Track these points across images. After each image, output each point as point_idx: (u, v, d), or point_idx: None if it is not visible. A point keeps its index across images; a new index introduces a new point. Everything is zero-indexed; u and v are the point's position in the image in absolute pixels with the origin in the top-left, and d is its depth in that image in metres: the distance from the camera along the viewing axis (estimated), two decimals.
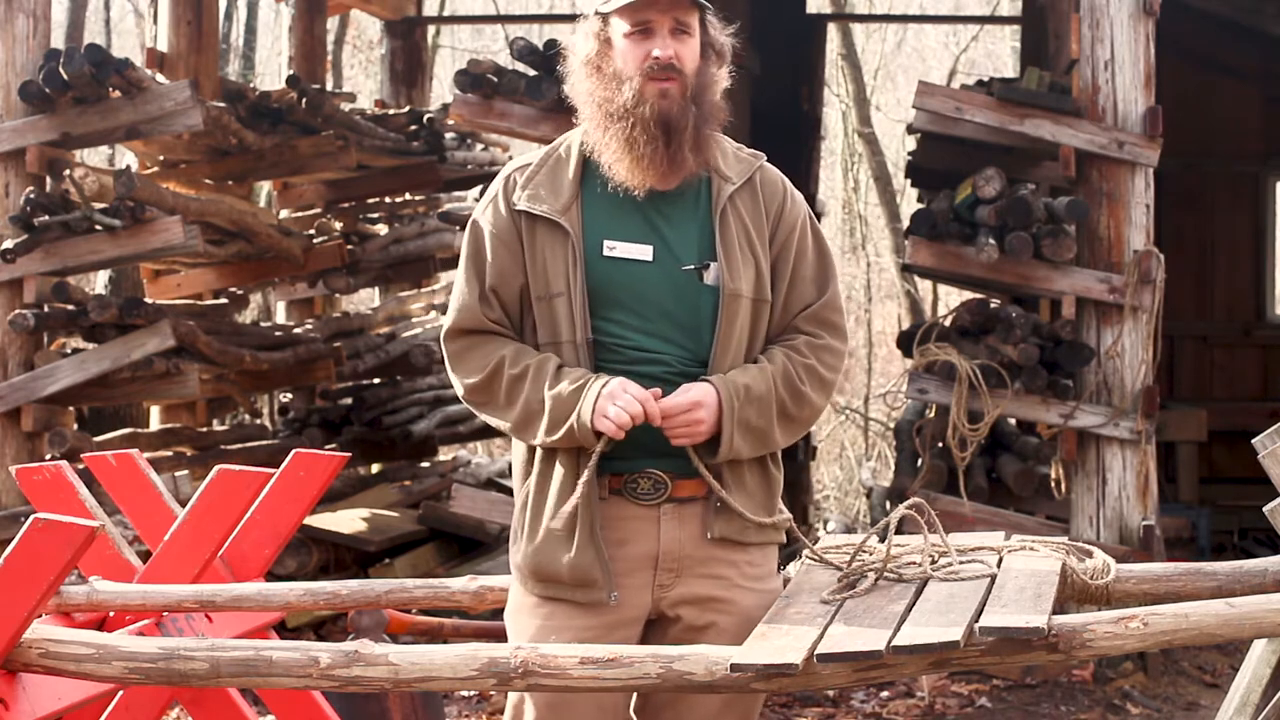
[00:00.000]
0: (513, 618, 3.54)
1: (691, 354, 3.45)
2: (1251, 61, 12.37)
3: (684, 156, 3.41)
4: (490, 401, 3.46)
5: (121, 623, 4.07)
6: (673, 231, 3.46)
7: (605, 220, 3.45)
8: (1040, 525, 8.04)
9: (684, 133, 3.39)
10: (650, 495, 3.42)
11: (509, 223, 3.47)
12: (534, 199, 3.46)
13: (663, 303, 3.44)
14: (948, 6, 24.86)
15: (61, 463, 4.39)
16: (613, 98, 3.41)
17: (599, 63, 3.45)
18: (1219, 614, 3.00)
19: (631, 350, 3.42)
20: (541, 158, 3.54)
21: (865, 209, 23.49)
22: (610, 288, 3.43)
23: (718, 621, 3.44)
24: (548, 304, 3.44)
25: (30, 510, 5.64)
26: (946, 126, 8.33)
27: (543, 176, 3.49)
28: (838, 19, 20.32)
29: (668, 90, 3.39)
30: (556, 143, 3.57)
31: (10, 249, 8.01)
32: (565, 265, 3.42)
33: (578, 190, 3.47)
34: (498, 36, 21.98)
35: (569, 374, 3.39)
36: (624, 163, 3.40)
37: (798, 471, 13.69)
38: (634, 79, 3.40)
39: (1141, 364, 7.83)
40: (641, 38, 3.40)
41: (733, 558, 3.46)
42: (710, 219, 3.47)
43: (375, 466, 11.86)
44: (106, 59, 8.03)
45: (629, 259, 3.44)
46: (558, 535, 3.40)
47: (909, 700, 7.59)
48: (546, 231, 3.44)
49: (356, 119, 11.05)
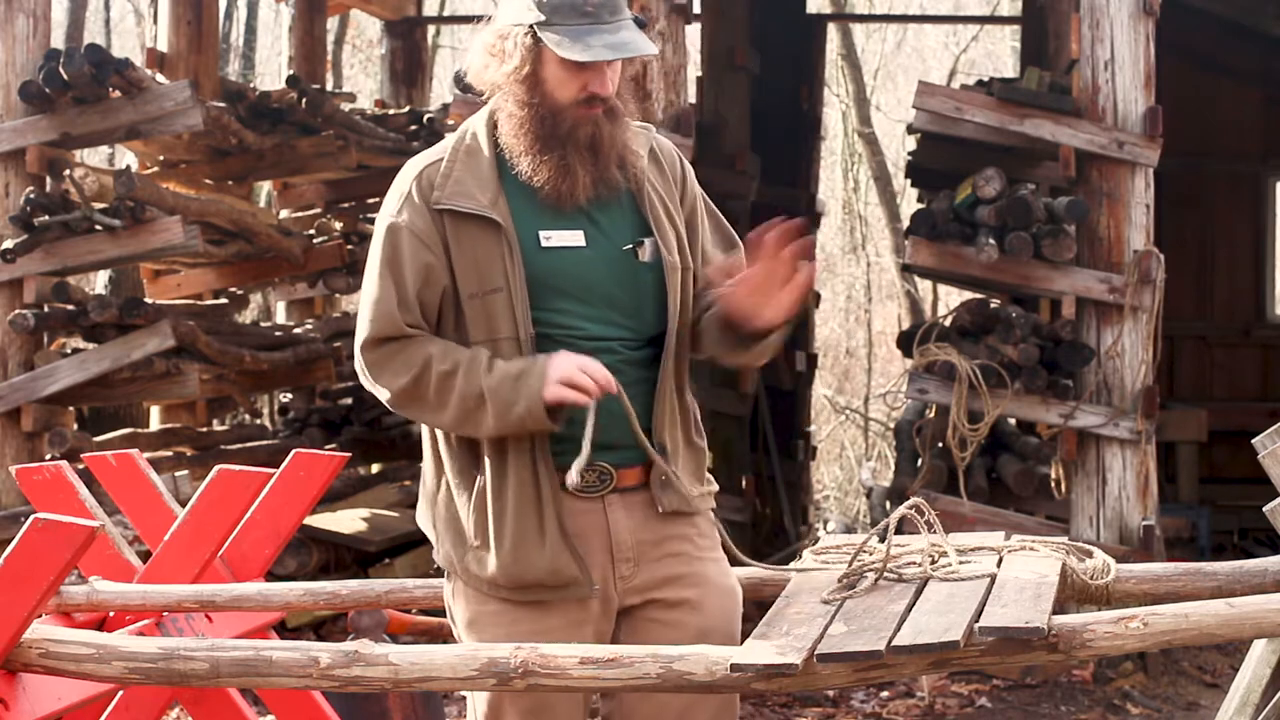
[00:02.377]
0: (472, 628, 3.44)
1: (635, 334, 3.43)
2: (1251, 61, 12.37)
3: (611, 173, 3.39)
4: (419, 402, 3.37)
5: (121, 623, 4.07)
6: (602, 215, 3.42)
7: (534, 211, 3.39)
8: (1040, 525, 8.04)
9: (609, 152, 3.38)
10: (596, 488, 3.39)
11: (430, 223, 3.37)
12: (456, 195, 3.37)
13: (605, 286, 3.40)
14: (948, 6, 24.86)
15: (61, 463, 4.39)
16: (543, 121, 3.35)
17: (531, 79, 3.35)
18: (1219, 614, 3.00)
19: (581, 340, 3.37)
20: (451, 152, 3.43)
21: (865, 209, 23.50)
22: (553, 278, 3.37)
23: (688, 597, 3.43)
24: (482, 301, 3.35)
25: (30, 510, 5.63)
26: (946, 126, 8.33)
27: (459, 172, 3.39)
28: (838, 19, 20.33)
29: (597, 117, 3.36)
30: (460, 132, 3.47)
31: (10, 249, 8.01)
32: (501, 260, 3.34)
33: (499, 182, 3.39)
34: None
35: (503, 365, 3.31)
36: (558, 185, 3.35)
37: (798, 471, 13.69)
38: (569, 109, 3.35)
39: (1141, 364, 7.83)
40: (579, 69, 3.33)
41: (684, 531, 3.46)
42: (636, 197, 3.45)
43: (375, 466, 11.85)
44: (106, 59, 8.03)
45: (566, 247, 3.39)
46: (529, 540, 3.34)
47: (909, 700, 7.59)
48: (475, 228, 3.36)
49: (356, 119, 11.05)
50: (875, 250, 23.27)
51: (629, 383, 3.39)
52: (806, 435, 14.07)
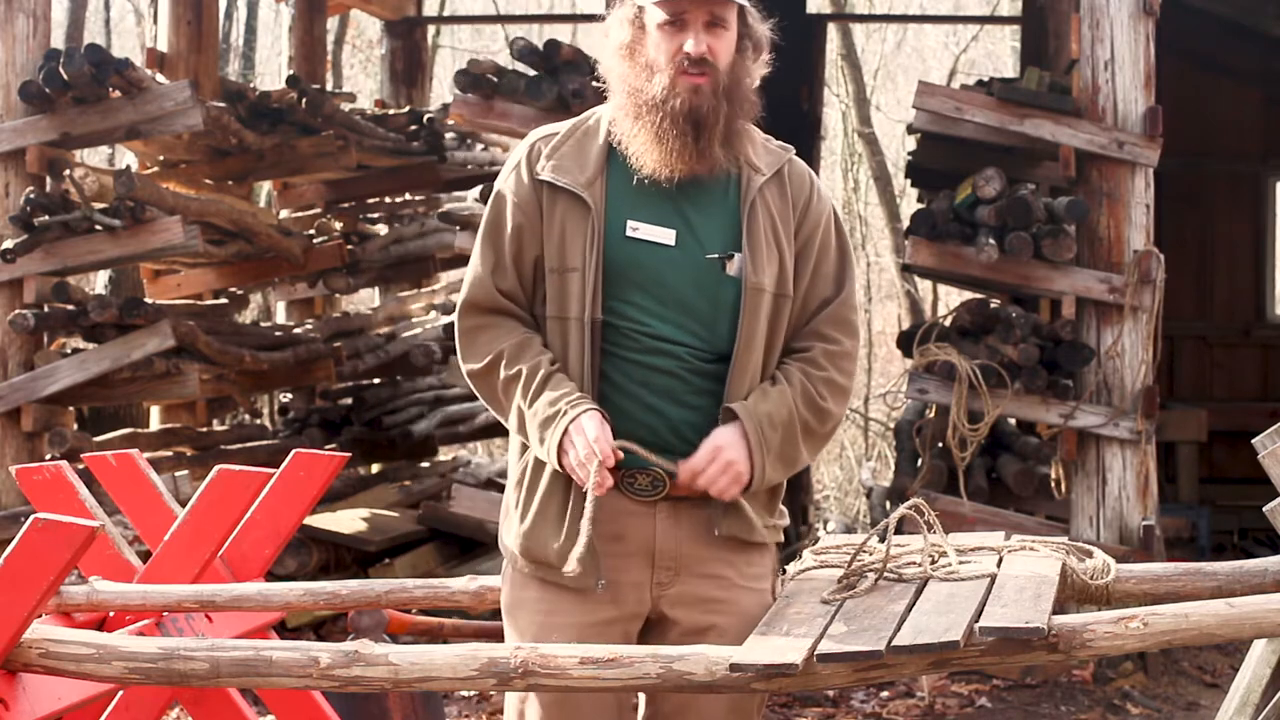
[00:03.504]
0: (511, 613, 3.51)
1: (706, 344, 3.41)
2: (1251, 61, 12.38)
3: (713, 152, 3.38)
4: (488, 394, 3.45)
5: (121, 623, 4.07)
6: (699, 218, 3.42)
7: (630, 200, 3.40)
8: (1040, 525, 8.04)
9: (714, 129, 3.37)
10: (647, 492, 3.39)
11: (530, 191, 3.42)
12: (558, 170, 3.41)
13: (682, 290, 3.39)
14: (948, 6, 24.86)
15: (61, 463, 4.39)
16: (643, 88, 3.37)
17: (632, 49, 3.41)
18: (1219, 614, 3.00)
19: (645, 337, 3.38)
20: (570, 128, 3.49)
21: (865, 209, 23.49)
22: (630, 269, 3.38)
23: (718, 623, 3.42)
24: (560, 278, 3.38)
25: (30, 510, 5.64)
26: (946, 126, 8.33)
27: (568, 148, 3.44)
28: (838, 19, 20.33)
29: (699, 86, 3.36)
30: (586, 115, 3.52)
31: (10, 249, 8.01)
32: (583, 241, 3.37)
33: (603, 166, 3.42)
34: (498, 36, 21.98)
35: (551, 391, 3.34)
36: (652, 154, 3.36)
37: (798, 471, 13.66)
38: (665, 71, 3.36)
39: (1141, 364, 7.83)
40: (675, 30, 3.37)
41: (732, 558, 3.44)
42: (738, 210, 3.43)
43: (375, 466, 11.86)
44: (106, 59, 8.03)
45: (651, 241, 3.39)
46: (549, 519, 3.39)
47: (909, 700, 7.59)
48: (568, 204, 3.39)
49: (356, 119, 11.05)
50: (875, 250, 23.27)
51: (691, 392, 3.40)
52: None
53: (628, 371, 3.39)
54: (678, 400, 3.40)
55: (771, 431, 3.38)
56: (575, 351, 3.39)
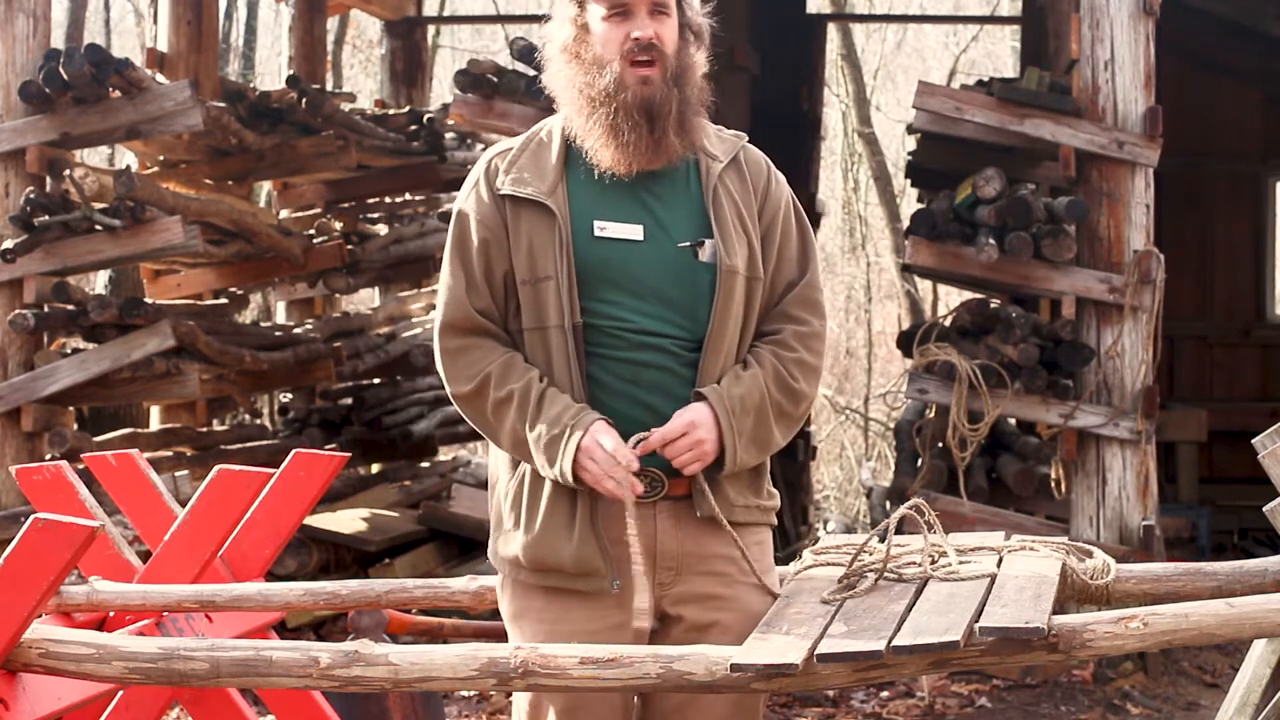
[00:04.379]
0: (516, 623, 3.49)
1: (689, 333, 3.42)
2: (1251, 61, 12.38)
3: (669, 141, 3.39)
4: (478, 417, 3.44)
5: (121, 623, 4.07)
6: (664, 210, 3.43)
7: (593, 201, 3.42)
8: (1040, 525, 8.04)
9: (667, 117, 3.38)
10: (647, 493, 3.39)
11: (492, 208, 3.43)
12: (518, 182, 3.42)
13: (658, 282, 3.40)
14: (948, 6, 24.86)
15: (61, 463, 4.39)
16: (593, 83, 3.38)
17: (578, 49, 3.42)
18: (1219, 614, 3.00)
19: (630, 333, 3.39)
20: (522, 142, 3.50)
21: (865, 209, 23.50)
22: (603, 269, 3.39)
23: (720, 619, 3.42)
24: (533, 289, 3.39)
25: (30, 510, 5.64)
26: (946, 126, 8.33)
27: (525, 160, 3.46)
28: (838, 19, 20.34)
29: (649, 77, 3.38)
30: (536, 127, 3.54)
31: (10, 249, 8.01)
32: (553, 248, 3.38)
33: (563, 172, 3.44)
34: (498, 36, 21.97)
35: (549, 410, 3.34)
36: (608, 149, 3.38)
37: (798, 471, 13.68)
38: (614, 63, 3.38)
39: (1141, 364, 7.83)
40: (620, 20, 3.38)
41: (730, 551, 3.45)
42: (702, 197, 3.45)
43: (375, 466, 11.86)
44: (106, 59, 8.03)
45: (620, 239, 3.40)
46: (558, 525, 3.38)
47: (909, 700, 7.59)
48: (532, 214, 3.40)
49: (356, 119, 11.05)
50: (875, 250, 23.27)
51: (681, 383, 3.40)
52: (806, 435, 14.07)
53: (615, 370, 3.40)
54: (668, 393, 3.40)
55: (744, 415, 3.38)
56: (560, 359, 3.39)
